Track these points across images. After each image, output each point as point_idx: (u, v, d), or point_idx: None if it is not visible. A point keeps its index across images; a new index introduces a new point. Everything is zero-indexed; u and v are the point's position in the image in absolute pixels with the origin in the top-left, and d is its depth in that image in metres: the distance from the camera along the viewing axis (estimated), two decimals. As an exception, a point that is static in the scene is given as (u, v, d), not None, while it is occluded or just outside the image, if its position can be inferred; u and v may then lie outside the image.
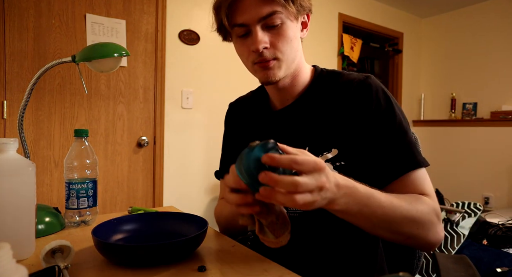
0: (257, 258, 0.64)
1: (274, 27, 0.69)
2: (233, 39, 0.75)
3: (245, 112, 0.91)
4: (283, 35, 0.69)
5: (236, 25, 0.69)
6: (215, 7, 0.71)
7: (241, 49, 0.73)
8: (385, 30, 3.60)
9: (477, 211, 2.11)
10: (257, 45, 0.67)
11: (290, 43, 0.71)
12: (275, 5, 0.67)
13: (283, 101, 0.81)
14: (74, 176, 0.83)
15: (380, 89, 0.73)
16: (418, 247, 0.67)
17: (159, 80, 2.19)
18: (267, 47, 0.69)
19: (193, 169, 2.38)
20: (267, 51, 0.69)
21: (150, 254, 0.57)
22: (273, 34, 0.69)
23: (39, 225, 0.76)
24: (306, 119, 0.77)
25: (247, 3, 0.67)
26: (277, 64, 0.71)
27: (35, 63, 1.80)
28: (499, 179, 3.29)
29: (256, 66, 0.72)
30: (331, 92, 0.76)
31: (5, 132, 1.74)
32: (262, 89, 0.89)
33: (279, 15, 0.67)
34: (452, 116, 3.66)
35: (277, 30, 0.69)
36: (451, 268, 0.80)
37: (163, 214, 0.79)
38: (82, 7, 1.92)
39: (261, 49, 0.68)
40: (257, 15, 0.67)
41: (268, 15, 0.67)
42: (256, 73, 0.75)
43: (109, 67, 0.84)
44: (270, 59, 0.70)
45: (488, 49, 3.45)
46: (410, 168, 0.67)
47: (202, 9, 2.38)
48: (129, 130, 2.10)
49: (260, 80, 0.76)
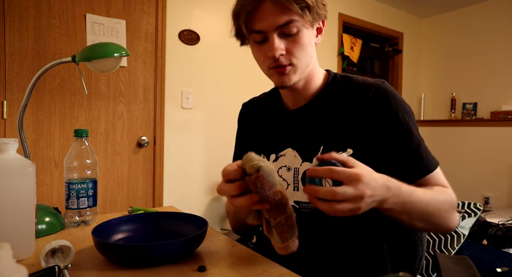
0: (257, 258, 0.64)
1: (290, 35, 0.71)
2: (250, 44, 0.78)
3: (259, 112, 0.94)
4: (299, 43, 0.72)
5: (254, 32, 0.72)
6: (234, 13, 0.74)
7: (258, 54, 0.76)
8: (385, 30, 3.60)
9: (477, 211, 2.11)
10: (274, 52, 0.70)
11: (305, 50, 0.73)
12: (292, 14, 0.69)
13: (296, 102, 0.84)
14: (74, 176, 0.83)
15: (397, 95, 0.77)
16: (439, 231, 0.74)
17: (159, 80, 2.19)
18: (283, 53, 0.72)
19: (193, 169, 2.38)
20: (283, 57, 0.72)
21: (150, 254, 0.57)
22: (289, 42, 0.72)
23: (39, 225, 0.76)
24: (320, 119, 0.80)
25: (265, 11, 0.69)
26: (292, 70, 0.74)
27: (35, 63, 1.80)
28: (499, 179, 3.29)
29: (272, 71, 0.75)
30: (346, 94, 0.79)
31: (5, 132, 1.74)
32: (276, 90, 0.92)
33: (296, 24, 0.70)
34: (452, 116, 3.66)
35: (293, 38, 0.72)
36: (452, 268, 0.80)
37: (163, 214, 0.79)
38: (82, 7, 1.92)
39: (277, 55, 0.71)
40: (275, 23, 0.69)
41: (285, 24, 0.69)
42: (271, 77, 0.78)
43: (109, 67, 0.84)
44: (286, 65, 0.73)
45: (488, 49, 3.45)
46: (429, 171, 0.73)
47: (202, 9, 2.38)
48: (129, 130, 2.10)
49: (275, 84, 0.79)
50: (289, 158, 0.81)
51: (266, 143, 0.86)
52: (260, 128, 0.91)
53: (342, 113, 0.78)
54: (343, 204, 0.52)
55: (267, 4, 0.69)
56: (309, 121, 0.81)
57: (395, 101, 0.75)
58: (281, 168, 0.81)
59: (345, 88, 0.80)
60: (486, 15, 3.46)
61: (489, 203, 3.31)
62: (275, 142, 0.85)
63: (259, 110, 0.94)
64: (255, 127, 0.93)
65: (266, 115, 0.91)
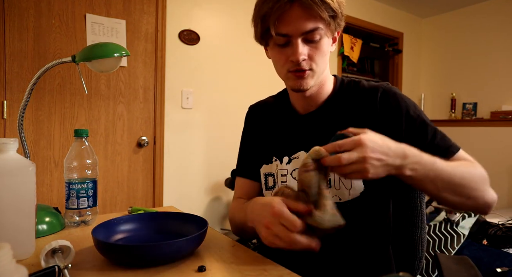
0: (257, 258, 0.64)
1: (313, 42, 0.74)
2: (271, 45, 0.79)
3: (268, 115, 0.94)
4: (320, 50, 0.75)
5: (279, 35, 0.73)
6: (260, 15, 0.74)
7: (278, 57, 0.77)
8: (385, 30, 3.60)
9: (477, 211, 2.11)
10: (297, 56, 0.72)
11: (324, 57, 0.77)
12: (318, 22, 0.72)
13: (307, 107, 0.86)
14: (74, 176, 0.83)
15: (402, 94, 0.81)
16: (478, 208, 0.72)
17: (159, 80, 2.19)
18: (305, 59, 0.74)
19: (193, 169, 2.38)
20: (305, 62, 0.74)
21: (150, 254, 0.57)
22: (311, 48, 0.74)
23: (39, 225, 0.76)
24: (332, 123, 0.81)
25: (294, 16, 0.71)
26: (310, 74, 0.77)
27: (35, 63, 1.80)
28: (499, 179, 3.28)
29: (290, 74, 0.77)
30: (355, 98, 0.82)
31: (5, 132, 1.74)
32: (283, 94, 0.94)
33: (320, 32, 0.73)
34: (452, 116, 3.66)
35: (315, 44, 0.74)
36: (453, 269, 0.80)
37: (163, 214, 0.79)
38: (82, 7, 1.92)
39: (300, 60, 0.73)
40: (302, 29, 0.72)
41: (310, 30, 0.72)
42: (288, 80, 0.79)
43: (109, 67, 0.84)
44: (306, 69, 0.75)
45: (488, 49, 3.45)
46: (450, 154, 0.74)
47: (202, 9, 2.38)
48: (129, 130, 2.10)
49: (291, 88, 0.80)
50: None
51: (279, 145, 0.87)
52: (271, 131, 0.91)
53: (353, 116, 0.80)
54: (349, 166, 0.57)
55: (297, 9, 0.71)
56: (321, 126, 0.83)
57: (403, 99, 0.79)
58: (294, 170, 0.83)
59: (354, 92, 0.83)
60: (486, 15, 3.46)
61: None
62: (287, 145, 0.86)
63: (268, 113, 0.95)
64: (264, 129, 0.93)
65: (276, 119, 0.92)
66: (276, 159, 0.87)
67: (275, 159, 0.87)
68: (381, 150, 0.58)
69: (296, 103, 0.88)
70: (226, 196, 2.53)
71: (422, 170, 0.63)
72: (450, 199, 0.68)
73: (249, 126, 0.99)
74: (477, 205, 0.71)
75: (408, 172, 0.62)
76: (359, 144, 0.58)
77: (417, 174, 0.63)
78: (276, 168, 0.86)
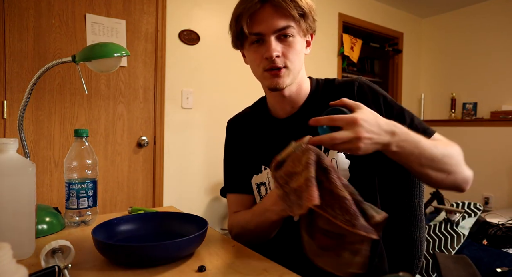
0: (257, 258, 0.64)
1: (286, 40, 0.77)
2: (246, 47, 0.81)
3: (247, 126, 0.94)
4: (293, 47, 0.77)
5: (252, 34, 0.77)
6: (235, 17, 0.79)
7: (254, 56, 0.80)
8: (385, 30, 3.60)
9: (477, 211, 2.11)
10: (271, 52, 0.75)
11: (298, 55, 0.79)
12: (290, 20, 0.76)
13: (288, 109, 0.86)
14: (74, 176, 0.83)
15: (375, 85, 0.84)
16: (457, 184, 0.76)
17: (159, 80, 2.19)
18: (279, 55, 0.76)
19: (193, 169, 2.38)
20: (279, 59, 0.76)
21: (150, 254, 0.57)
22: (284, 45, 0.77)
23: (39, 225, 0.76)
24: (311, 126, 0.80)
25: (266, 14, 0.75)
26: (286, 73, 0.78)
27: (35, 63, 1.80)
28: (499, 179, 3.29)
29: (266, 73, 0.79)
30: (332, 95, 0.82)
31: (5, 132, 1.74)
32: (260, 102, 0.95)
33: (292, 30, 0.76)
34: (452, 116, 3.66)
35: (288, 42, 0.77)
36: (452, 268, 0.80)
37: (163, 214, 0.79)
38: (82, 7, 1.92)
39: (274, 56, 0.75)
40: (274, 26, 0.75)
41: (283, 28, 0.75)
42: (264, 80, 0.81)
43: (109, 67, 0.84)
44: (281, 67, 0.77)
45: (488, 49, 3.45)
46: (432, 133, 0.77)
47: (202, 9, 2.38)
48: (129, 130, 2.10)
49: (268, 87, 0.81)
50: None
51: (265, 153, 0.86)
52: (254, 141, 0.91)
53: None
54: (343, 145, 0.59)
55: (268, 8, 0.75)
56: (303, 127, 0.81)
57: (378, 90, 0.82)
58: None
59: (330, 90, 0.85)
60: (486, 15, 3.46)
61: (489, 203, 3.31)
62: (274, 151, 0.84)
63: (248, 123, 0.94)
64: (248, 140, 0.92)
65: (258, 127, 0.92)
66: (265, 167, 0.86)
67: (264, 167, 0.87)
68: (373, 130, 0.60)
69: (276, 107, 0.88)
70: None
71: (408, 147, 0.65)
72: (432, 175, 0.70)
73: (232, 140, 0.97)
74: (456, 180, 0.74)
75: (394, 148, 0.64)
76: (354, 124, 0.58)
77: (403, 151, 0.65)
78: (267, 176, 0.86)
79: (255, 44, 0.78)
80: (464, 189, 0.78)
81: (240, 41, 0.81)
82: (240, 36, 0.79)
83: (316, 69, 3.00)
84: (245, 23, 0.75)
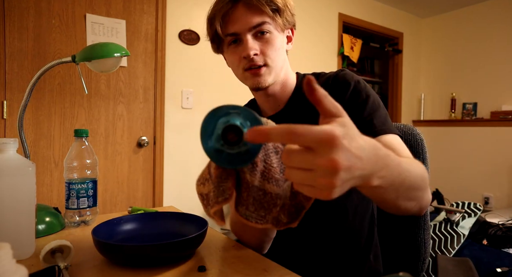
0: (257, 258, 0.64)
1: (263, 37, 0.74)
2: (225, 49, 0.80)
3: None
4: (271, 44, 0.75)
5: (228, 35, 0.75)
6: (209, 18, 0.78)
7: (232, 57, 0.78)
8: (385, 30, 3.60)
9: (477, 211, 2.11)
10: (248, 51, 0.73)
11: (277, 51, 0.76)
12: (264, 16, 0.73)
13: (274, 107, 0.85)
14: (74, 176, 0.83)
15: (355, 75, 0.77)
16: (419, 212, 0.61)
17: (159, 80, 2.19)
18: (257, 53, 0.74)
19: (193, 169, 2.38)
20: (257, 57, 0.74)
21: (150, 254, 0.57)
22: (262, 43, 0.75)
23: (39, 225, 0.76)
24: (300, 119, 0.79)
25: (238, 13, 0.73)
26: (267, 71, 0.76)
27: (35, 63, 1.80)
28: (499, 179, 3.28)
29: (247, 73, 0.77)
30: None
31: (5, 132, 1.74)
32: (252, 102, 0.94)
33: (268, 26, 0.74)
34: (452, 116, 3.66)
35: (266, 39, 0.75)
36: (450, 271, 0.80)
37: (163, 214, 0.78)
38: (82, 7, 1.92)
39: (251, 55, 0.73)
40: (248, 24, 0.73)
41: (257, 25, 0.73)
42: (246, 80, 0.79)
43: (109, 67, 0.84)
44: (261, 65, 0.75)
45: (488, 49, 3.45)
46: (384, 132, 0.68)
47: (202, 9, 2.38)
48: (129, 130, 2.10)
49: (250, 87, 0.80)
50: None
51: None
52: None
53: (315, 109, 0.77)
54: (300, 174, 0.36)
55: (240, 7, 0.73)
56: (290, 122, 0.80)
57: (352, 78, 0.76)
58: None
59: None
60: (486, 15, 3.46)
61: (489, 203, 3.31)
62: None
63: None
64: None
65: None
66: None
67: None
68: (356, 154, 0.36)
69: (263, 105, 0.87)
70: (226, 196, 2.52)
71: (390, 177, 0.44)
72: (402, 206, 0.55)
73: None
74: (421, 207, 0.60)
75: (376, 181, 0.42)
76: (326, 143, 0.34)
77: (384, 182, 0.43)
78: None
79: (232, 45, 0.76)
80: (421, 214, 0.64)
81: (217, 44, 0.80)
82: (216, 39, 0.78)
83: (316, 69, 2.98)
84: (218, 24, 0.74)
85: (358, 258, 0.78)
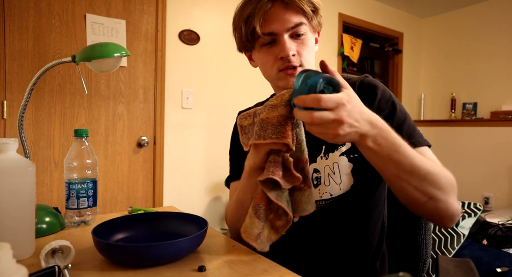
0: (257, 258, 0.64)
1: (299, 38, 0.75)
2: (257, 48, 0.78)
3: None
4: (307, 45, 0.76)
5: (266, 34, 0.74)
6: (243, 18, 0.75)
7: (267, 57, 0.77)
8: (385, 30, 3.60)
9: (477, 211, 2.11)
10: (287, 51, 0.73)
11: (311, 52, 0.77)
12: (302, 17, 0.74)
13: None
14: (74, 176, 0.83)
15: (380, 84, 0.79)
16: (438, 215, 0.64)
17: (159, 80, 2.19)
18: (294, 54, 0.74)
19: (193, 169, 2.38)
20: (294, 58, 0.74)
21: (150, 254, 0.57)
22: (298, 44, 0.75)
23: (39, 225, 0.76)
24: None
25: (277, 13, 0.73)
26: None
27: (35, 63, 1.80)
28: (499, 179, 3.28)
29: (281, 73, 0.76)
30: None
31: (5, 132, 1.74)
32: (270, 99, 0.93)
33: (304, 27, 0.74)
34: (452, 116, 3.66)
35: (301, 40, 0.75)
36: (451, 271, 0.79)
37: (163, 214, 0.78)
38: (82, 7, 1.92)
39: (290, 55, 0.73)
40: (286, 25, 0.73)
41: (296, 25, 0.73)
42: (279, 81, 0.78)
43: (109, 67, 0.84)
44: (296, 65, 0.74)
45: (488, 49, 3.45)
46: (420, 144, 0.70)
47: (202, 9, 2.38)
48: (129, 130, 2.10)
49: (284, 87, 0.79)
50: None
51: None
52: None
53: None
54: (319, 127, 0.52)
55: (279, 7, 0.72)
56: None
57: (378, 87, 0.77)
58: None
59: None
60: (486, 15, 3.46)
61: (489, 203, 3.31)
62: None
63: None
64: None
65: None
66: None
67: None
68: (356, 116, 0.53)
69: None
70: (226, 196, 2.53)
71: (386, 147, 0.56)
72: (409, 192, 0.61)
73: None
74: (438, 209, 0.63)
75: (370, 143, 0.56)
76: (340, 106, 0.51)
77: (380, 149, 0.56)
78: None
79: (266, 45, 0.75)
80: (447, 224, 0.66)
81: (250, 43, 0.78)
82: (251, 38, 0.76)
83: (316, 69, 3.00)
84: (257, 23, 0.72)
85: (364, 265, 0.78)
